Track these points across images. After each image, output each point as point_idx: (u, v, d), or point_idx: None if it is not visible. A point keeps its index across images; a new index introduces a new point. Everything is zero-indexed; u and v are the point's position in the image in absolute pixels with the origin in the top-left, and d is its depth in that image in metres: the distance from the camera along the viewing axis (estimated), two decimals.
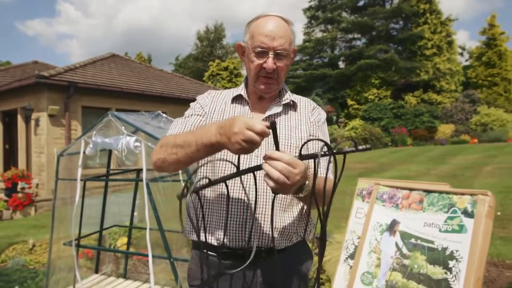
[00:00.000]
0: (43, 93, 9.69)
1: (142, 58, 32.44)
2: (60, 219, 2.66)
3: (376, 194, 1.44)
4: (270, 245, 1.18)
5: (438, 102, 23.57)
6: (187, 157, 1.06)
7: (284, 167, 0.87)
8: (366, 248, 1.35)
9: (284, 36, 1.19)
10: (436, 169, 9.08)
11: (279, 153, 0.89)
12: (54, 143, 9.74)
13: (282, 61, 1.20)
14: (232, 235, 1.17)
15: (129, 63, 15.21)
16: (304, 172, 0.92)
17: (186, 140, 1.06)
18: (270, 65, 1.18)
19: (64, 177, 2.79)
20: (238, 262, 1.12)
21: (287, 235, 1.22)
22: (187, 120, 1.28)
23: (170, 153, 1.10)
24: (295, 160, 0.89)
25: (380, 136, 18.59)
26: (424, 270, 1.17)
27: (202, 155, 1.04)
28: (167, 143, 1.13)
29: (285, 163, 0.87)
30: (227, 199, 1.11)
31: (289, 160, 0.88)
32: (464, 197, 1.19)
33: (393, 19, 27.10)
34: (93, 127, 2.35)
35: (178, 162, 1.10)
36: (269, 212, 1.16)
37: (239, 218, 1.18)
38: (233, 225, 1.18)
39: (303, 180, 0.94)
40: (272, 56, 1.18)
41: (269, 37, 1.17)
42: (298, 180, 0.90)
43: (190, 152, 1.04)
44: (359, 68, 24.99)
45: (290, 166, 0.88)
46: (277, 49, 1.18)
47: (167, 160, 1.11)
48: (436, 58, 24.12)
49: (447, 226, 1.19)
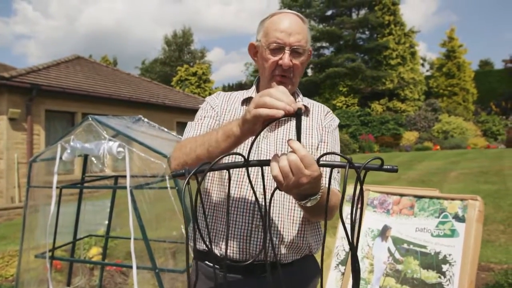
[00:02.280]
0: (3, 95, 9.21)
1: (108, 61, 31.57)
2: (29, 229, 2.49)
3: (366, 200, 1.45)
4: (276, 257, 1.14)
5: (402, 110, 24.46)
6: (207, 153, 0.96)
7: (295, 160, 0.76)
8: (359, 254, 1.35)
9: (300, 32, 1.14)
10: (405, 174, 9.36)
11: (298, 144, 0.78)
12: (15, 148, 9.27)
13: (298, 59, 1.15)
14: (236, 246, 1.11)
15: (95, 66, 14.77)
16: (315, 179, 0.80)
17: (206, 136, 0.98)
18: (287, 61, 1.12)
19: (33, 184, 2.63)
20: (243, 275, 1.07)
21: (295, 248, 1.17)
22: (201, 122, 1.22)
23: (188, 153, 1.01)
24: (311, 161, 0.77)
25: (348, 142, 19.02)
26: (418, 275, 1.19)
27: (222, 147, 0.93)
28: (185, 145, 1.05)
29: (300, 156, 0.76)
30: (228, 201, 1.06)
31: (305, 156, 0.76)
32: (454, 202, 1.21)
33: (360, 29, 27.96)
34: (71, 131, 2.23)
35: (198, 161, 0.98)
36: (275, 224, 1.12)
37: (245, 228, 1.12)
38: (238, 235, 1.12)
39: (311, 188, 0.85)
40: (288, 52, 1.12)
41: (285, 33, 1.12)
42: (304, 183, 0.78)
43: (209, 146, 0.95)
44: (327, 76, 25.54)
45: (303, 163, 0.77)
46: (293, 45, 1.12)
47: (187, 162, 1.01)
48: (400, 67, 25.07)
49: (439, 231, 1.21)
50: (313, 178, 0.79)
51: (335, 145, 1.27)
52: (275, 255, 0.84)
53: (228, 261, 1.11)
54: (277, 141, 1.19)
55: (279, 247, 1.15)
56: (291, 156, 0.77)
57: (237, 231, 1.12)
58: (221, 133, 0.92)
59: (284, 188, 0.80)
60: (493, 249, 4.25)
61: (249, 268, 1.08)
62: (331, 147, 1.23)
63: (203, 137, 1.00)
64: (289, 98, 0.77)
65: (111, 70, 15.67)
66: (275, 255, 0.84)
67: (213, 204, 1.18)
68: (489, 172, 8.62)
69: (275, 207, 1.14)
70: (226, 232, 0.89)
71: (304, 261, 1.22)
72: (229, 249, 1.11)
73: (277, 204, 1.14)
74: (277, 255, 1.09)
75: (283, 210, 1.15)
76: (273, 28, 1.14)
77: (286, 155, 0.77)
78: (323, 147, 1.22)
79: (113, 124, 2.13)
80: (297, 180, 0.78)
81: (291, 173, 0.77)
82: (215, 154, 0.93)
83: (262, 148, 1.17)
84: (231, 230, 1.13)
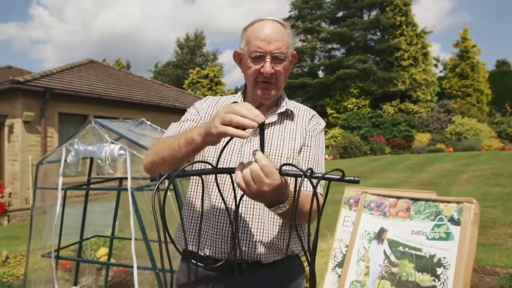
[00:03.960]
0: (17, 99, 9.42)
1: (121, 65, 32.01)
2: (37, 229, 2.56)
3: (363, 203, 1.45)
4: (257, 258, 1.15)
5: (414, 112, 24.19)
6: (171, 156, 1.02)
7: (256, 169, 0.81)
8: (355, 256, 1.35)
9: (280, 39, 1.16)
10: (416, 177, 9.28)
11: (260, 154, 0.83)
12: (29, 151, 9.46)
13: (280, 65, 1.18)
14: (215, 246, 1.15)
15: (107, 69, 15.00)
16: (277, 187, 0.84)
17: (172, 139, 1.04)
18: (268, 69, 1.15)
19: (40, 185, 2.69)
20: (224, 274, 1.10)
21: (275, 248, 1.19)
22: (182, 124, 1.26)
23: (157, 152, 1.08)
24: (272, 170, 0.82)
25: (359, 144, 18.90)
26: (413, 278, 1.19)
27: (183, 152, 0.99)
28: (156, 145, 1.11)
29: (260, 166, 0.81)
30: (202, 202, 1.09)
31: (265, 165, 0.81)
32: (450, 205, 1.21)
33: (371, 30, 27.78)
34: (75, 134, 2.28)
35: (163, 162, 1.06)
36: (254, 224, 1.16)
37: (223, 229, 1.15)
38: (218, 235, 1.16)
39: (276, 196, 0.88)
40: (269, 60, 1.15)
41: (265, 41, 1.14)
42: (266, 191, 0.83)
43: (173, 149, 1.01)
44: (338, 77, 25.42)
45: (263, 172, 0.81)
46: (274, 53, 1.15)
47: (155, 161, 1.09)
48: (412, 69, 24.81)
49: (434, 234, 1.21)
50: (274, 186, 0.83)
51: (318, 149, 1.28)
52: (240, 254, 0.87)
53: (210, 261, 1.15)
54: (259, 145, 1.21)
55: (259, 247, 1.17)
56: (253, 165, 0.82)
57: (219, 232, 1.16)
58: (183, 139, 0.97)
59: (248, 195, 0.86)
60: (500, 253, 4.18)
61: (229, 266, 1.12)
62: (314, 151, 1.25)
63: (170, 140, 1.05)
64: (254, 113, 0.81)
65: (123, 73, 15.89)
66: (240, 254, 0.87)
67: (196, 207, 1.22)
68: (502, 175, 8.49)
69: (255, 209, 1.17)
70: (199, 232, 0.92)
71: (287, 262, 1.23)
72: (210, 249, 1.15)
73: (257, 206, 1.16)
74: (243, 255, 1.13)
75: (264, 212, 1.17)
76: (254, 36, 1.17)
77: (251, 164, 0.82)
78: (306, 151, 1.24)
79: (116, 127, 2.18)
80: (259, 188, 0.83)
81: (252, 181, 0.82)
82: (178, 157, 1.00)
83: (245, 151, 1.20)
84: (212, 231, 1.17)
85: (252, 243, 1.15)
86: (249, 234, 1.15)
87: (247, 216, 1.15)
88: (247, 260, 1.15)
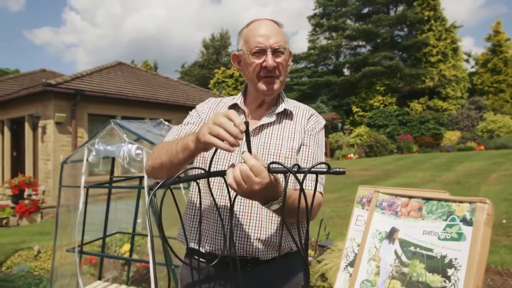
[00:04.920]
0: (50, 101, 9.80)
1: (149, 66, 32.72)
2: (64, 225, 2.68)
3: (375, 202, 1.45)
4: (255, 254, 1.18)
5: (444, 109, 23.48)
6: (169, 161, 1.06)
7: (245, 170, 0.84)
8: (366, 256, 1.35)
9: (278, 34, 1.21)
10: (442, 176, 9.01)
11: (248, 154, 0.86)
12: (61, 150, 9.82)
13: (281, 57, 1.21)
14: (215, 243, 1.19)
15: (135, 71, 15.34)
16: (267, 185, 0.86)
17: (171, 145, 1.08)
18: (270, 62, 1.18)
19: (69, 184, 2.82)
20: (224, 269, 1.13)
21: (274, 246, 1.21)
22: (182, 128, 1.30)
23: (156, 157, 1.12)
24: (260, 169, 0.85)
25: (386, 143, 18.52)
26: (423, 278, 1.17)
27: (180, 157, 1.03)
28: (155, 150, 1.16)
29: (248, 166, 0.84)
30: (200, 204, 1.12)
31: (253, 165, 0.84)
32: (462, 205, 1.19)
33: (397, 26, 27.16)
34: (96, 134, 2.38)
35: (162, 167, 1.10)
36: (252, 222, 1.18)
37: (221, 227, 1.18)
38: (217, 233, 1.19)
39: (268, 193, 0.90)
40: (270, 53, 1.19)
41: (264, 37, 1.19)
42: (257, 189, 0.86)
43: (170, 155, 1.05)
44: (364, 75, 25.01)
45: (252, 171, 0.84)
46: (274, 46, 1.19)
47: (154, 166, 1.14)
48: (441, 64, 24.07)
49: (446, 234, 1.19)
50: (265, 185, 0.86)
51: (317, 148, 1.29)
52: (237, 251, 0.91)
53: (211, 256, 1.19)
54: (258, 145, 1.23)
55: (257, 244, 1.19)
56: (242, 166, 0.85)
57: (218, 229, 1.20)
58: (180, 145, 1.02)
59: (240, 194, 0.89)
60: None
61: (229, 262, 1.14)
62: (313, 150, 1.27)
63: (169, 145, 1.09)
64: (235, 131, 0.84)
65: (150, 74, 16.21)
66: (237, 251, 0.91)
67: (196, 207, 1.26)
68: None
69: (253, 207, 1.19)
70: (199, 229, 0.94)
71: (286, 258, 1.25)
72: (210, 246, 1.19)
73: (255, 205, 1.19)
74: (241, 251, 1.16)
75: (261, 210, 1.19)
76: (252, 34, 1.20)
77: (240, 165, 0.85)
78: (305, 150, 1.25)
79: (134, 128, 2.25)
80: (250, 188, 0.85)
81: (243, 181, 0.85)
82: (175, 163, 1.04)
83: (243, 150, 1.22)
84: (211, 228, 1.21)
85: (249, 240, 1.18)
86: (246, 231, 1.18)
87: (245, 214, 1.18)
88: (245, 256, 1.18)
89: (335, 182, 9.51)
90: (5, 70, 36.40)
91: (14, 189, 9.35)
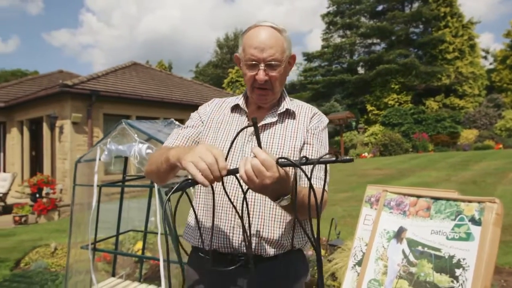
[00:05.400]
0: (67, 101, 9.99)
1: (163, 66, 33.03)
2: (78, 223, 2.75)
3: (383, 201, 1.44)
4: (258, 252, 1.19)
5: (460, 107, 23.03)
6: (156, 169, 1.13)
7: (256, 164, 0.85)
8: (373, 255, 1.35)
9: (274, 46, 1.18)
10: (457, 175, 8.84)
11: (258, 149, 0.87)
12: (77, 150, 10.01)
13: (275, 71, 1.20)
14: (221, 240, 1.21)
15: (149, 71, 15.52)
16: (278, 179, 0.88)
17: (162, 154, 1.11)
18: (261, 77, 1.19)
19: (84, 182, 2.89)
20: (230, 267, 1.15)
21: (276, 244, 1.22)
22: (181, 132, 1.34)
23: (151, 163, 1.19)
24: (271, 163, 0.86)
25: (401, 142, 18.28)
26: (431, 278, 1.17)
27: (164, 167, 1.08)
28: (154, 155, 1.21)
29: (260, 160, 0.85)
30: (213, 204, 1.14)
31: (265, 160, 0.85)
32: (471, 205, 1.18)
33: (413, 23, 26.75)
34: (108, 134, 2.43)
35: (151, 173, 1.18)
36: (255, 220, 1.20)
37: (228, 225, 1.21)
38: (223, 230, 1.21)
39: (279, 188, 0.92)
40: (263, 68, 1.18)
41: (258, 49, 1.17)
42: (268, 184, 0.87)
43: (159, 163, 1.10)
44: (378, 73, 24.72)
45: (264, 165, 0.85)
46: (267, 60, 1.18)
47: (148, 171, 1.21)
48: (458, 62, 23.61)
49: (454, 234, 1.19)
50: (276, 178, 0.87)
51: (321, 147, 1.29)
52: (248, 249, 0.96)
53: (215, 253, 1.22)
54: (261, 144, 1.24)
55: (260, 242, 1.21)
56: (253, 160, 0.86)
57: (222, 228, 1.22)
58: (165, 157, 1.06)
59: (252, 189, 0.90)
60: None
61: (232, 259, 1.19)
62: (317, 148, 1.27)
63: (161, 154, 1.12)
64: (222, 165, 0.87)
65: (164, 74, 16.37)
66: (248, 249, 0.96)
67: (204, 205, 1.28)
68: None
69: (256, 205, 1.20)
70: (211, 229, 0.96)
71: (289, 256, 1.26)
72: (216, 243, 1.22)
73: (257, 203, 1.20)
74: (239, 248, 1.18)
75: (264, 208, 1.20)
76: (248, 44, 1.20)
77: (251, 159, 0.87)
78: (308, 148, 1.26)
79: (144, 127, 2.29)
80: (261, 182, 0.87)
81: (254, 176, 0.86)
82: (161, 172, 1.10)
83: (246, 151, 1.23)
84: (216, 226, 1.23)
85: (252, 237, 1.19)
86: (250, 228, 1.19)
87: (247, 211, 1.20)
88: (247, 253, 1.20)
89: (348, 181, 9.44)
90: (25, 72, 37.39)
91: (33, 188, 9.59)
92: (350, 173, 11.35)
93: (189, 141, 1.31)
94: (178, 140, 1.31)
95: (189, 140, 1.31)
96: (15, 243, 5.84)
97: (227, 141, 1.25)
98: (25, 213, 8.11)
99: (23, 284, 3.29)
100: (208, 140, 1.29)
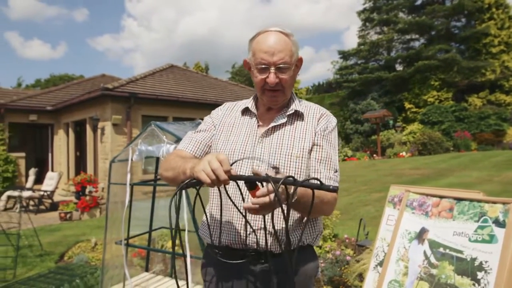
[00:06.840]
0: (107, 104, 10.46)
1: (200, 68, 33.65)
2: (114, 220, 2.90)
3: (406, 201, 1.43)
4: (269, 248, 1.23)
5: (507, 104, 21.76)
6: (173, 177, 1.20)
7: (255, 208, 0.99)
8: (394, 256, 1.34)
9: (283, 49, 1.23)
10: (501, 175, 8.36)
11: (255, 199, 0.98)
12: (117, 150, 10.44)
13: (285, 74, 1.25)
14: (233, 237, 1.26)
15: (186, 73, 15.89)
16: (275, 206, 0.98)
17: (178, 163, 1.19)
18: (272, 80, 1.23)
19: (121, 181, 3.04)
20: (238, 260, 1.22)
21: (283, 240, 1.24)
22: (194, 136, 1.39)
23: (167, 169, 1.25)
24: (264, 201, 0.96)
25: (441, 140, 17.55)
26: (452, 281, 1.14)
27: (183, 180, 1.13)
28: (168, 160, 1.28)
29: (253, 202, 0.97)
30: (221, 203, 1.19)
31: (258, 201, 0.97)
32: (496, 206, 1.15)
33: (454, 16, 25.56)
34: (139, 135, 2.56)
35: (168, 179, 1.25)
36: (262, 218, 1.23)
37: (240, 222, 1.26)
38: (235, 228, 1.27)
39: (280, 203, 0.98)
40: (273, 71, 1.23)
41: (268, 53, 1.22)
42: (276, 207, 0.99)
43: (177, 173, 1.17)
44: (417, 70, 23.85)
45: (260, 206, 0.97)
46: (277, 64, 1.22)
47: (163, 176, 1.27)
48: (504, 55, 22.32)
49: (477, 236, 1.16)
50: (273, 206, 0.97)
51: (331, 148, 1.32)
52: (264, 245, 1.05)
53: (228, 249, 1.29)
54: (271, 146, 1.29)
55: (268, 239, 1.24)
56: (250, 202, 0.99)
57: (235, 225, 1.27)
58: (182, 168, 1.13)
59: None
60: None
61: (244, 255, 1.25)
62: (326, 149, 1.30)
63: (177, 162, 1.20)
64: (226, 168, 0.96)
65: (200, 76, 16.71)
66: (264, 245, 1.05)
67: (218, 205, 1.33)
68: None
69: None
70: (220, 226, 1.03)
71: (299, 251, 1.28)
72: (228, 240, 1.27)
73: None
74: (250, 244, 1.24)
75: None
76: (258, 48, 1.25)
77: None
78: (318, 150, 1.29)
79: (172, 129, 2.40)
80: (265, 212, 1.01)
81: (261, 210, 1.00)
82: (178, 180, 1.17)
83: (257, 152, 1.28)
84: (228, 224, 1.28)
85: (262, 234, 1.24)
86: (259, 226, 1.25)
87: None
88: (258, 249, 1.24)
89: (383, 181, 9.20)
90: (71, 76, 39.55)
91: (77, 186, 10.14)
92: (386, 173, 11.07)
93: (201, 145, 1.36)
94: (191, 145, 1.36)
95: (201, 144, 1.36)
96: (60, 238, 6.21)
97: (238, 144, 1.31)
98: (70, 210, 8.57)
99: (66, 276, 3.51)
100: (219, 143, 1.34)
